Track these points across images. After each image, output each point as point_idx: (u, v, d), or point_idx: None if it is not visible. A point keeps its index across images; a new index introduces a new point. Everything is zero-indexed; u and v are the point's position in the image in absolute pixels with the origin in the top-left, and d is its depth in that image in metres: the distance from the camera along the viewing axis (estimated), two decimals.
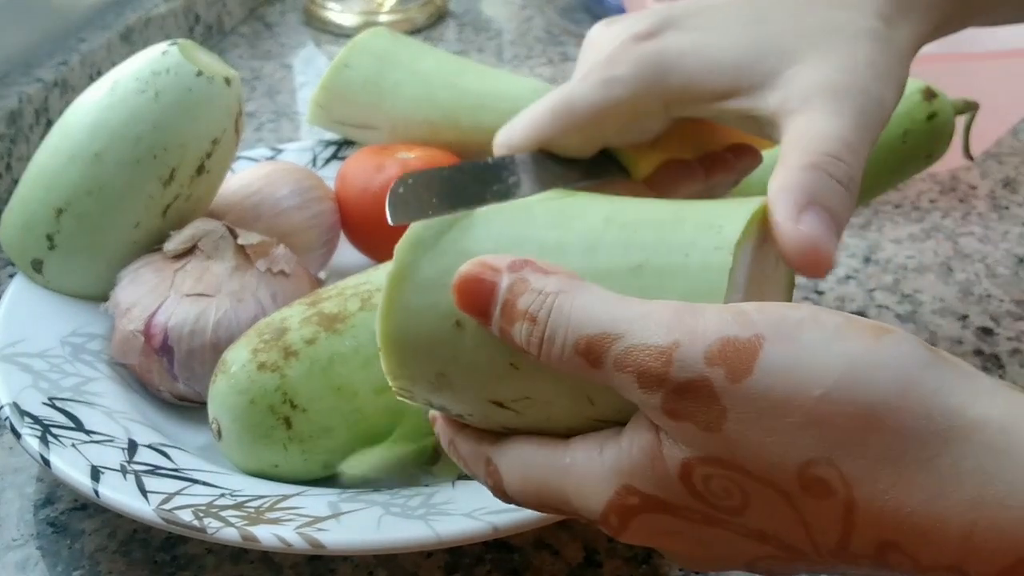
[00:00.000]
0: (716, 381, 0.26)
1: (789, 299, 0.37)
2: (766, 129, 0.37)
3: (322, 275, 0.62)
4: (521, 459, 0.32)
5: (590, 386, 0.30)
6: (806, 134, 0.34)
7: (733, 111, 0.38)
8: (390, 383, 0.35)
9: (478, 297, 0.30)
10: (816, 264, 0.32)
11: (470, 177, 0.37)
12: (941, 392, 0.25)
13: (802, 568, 0.28)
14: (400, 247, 0.33)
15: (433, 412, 0.36)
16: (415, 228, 0.33)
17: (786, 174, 0.33)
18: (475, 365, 0.32)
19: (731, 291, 0.30)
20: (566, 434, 0.32)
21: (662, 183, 0.42)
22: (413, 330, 0.32)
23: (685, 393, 0.26)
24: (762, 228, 0.32)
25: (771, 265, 0.34)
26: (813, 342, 0.26)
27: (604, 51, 0.40)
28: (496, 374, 0.31)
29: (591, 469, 0.30)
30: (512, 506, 0.33)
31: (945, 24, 0.41)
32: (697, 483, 0.27)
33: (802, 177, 0.33)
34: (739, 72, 0.37)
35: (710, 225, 0.31)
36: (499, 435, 0.33)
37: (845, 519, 0.25)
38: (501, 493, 0.34)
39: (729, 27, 0.38)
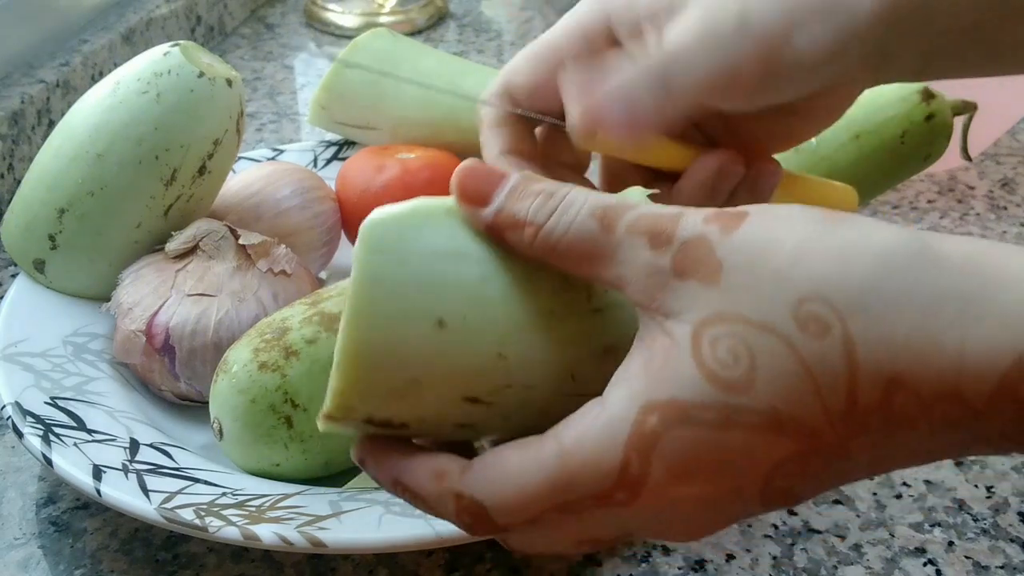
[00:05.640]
0: (712, 235, 0.29)
1: None
2: None
3: (323, 275, 0.62)
4: (503, 472, 0.30)
5: (575, 362, 0.31)
6: None
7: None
8: (330, 402, 0.31)
9: (486, 182, 0.31)
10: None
11: None
12: (906, 231, 0.28)
13: (820, 478, 0.29)
14: (361, 254, 0.30)
15: (359, 452, 0.32)
16: (372, 232, 0.31)
17: None
18: (457, 362, 0.30)
19: None
20: (536, 419, 0.31)
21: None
22: (387, 337, 0.30)
23: (689, 249, 0.29)
24: None
25: None
26: (790, 210, 0.30)
27: None
28: (480, 367, 0.30)
29: (595, 426, 0.29)
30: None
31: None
32: (706, 353, 0.28)
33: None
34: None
35: None
36: (459, 462, 0.31)
37: (848, 359, 0.27)
38: (484, 526, 0.30)
39: None
